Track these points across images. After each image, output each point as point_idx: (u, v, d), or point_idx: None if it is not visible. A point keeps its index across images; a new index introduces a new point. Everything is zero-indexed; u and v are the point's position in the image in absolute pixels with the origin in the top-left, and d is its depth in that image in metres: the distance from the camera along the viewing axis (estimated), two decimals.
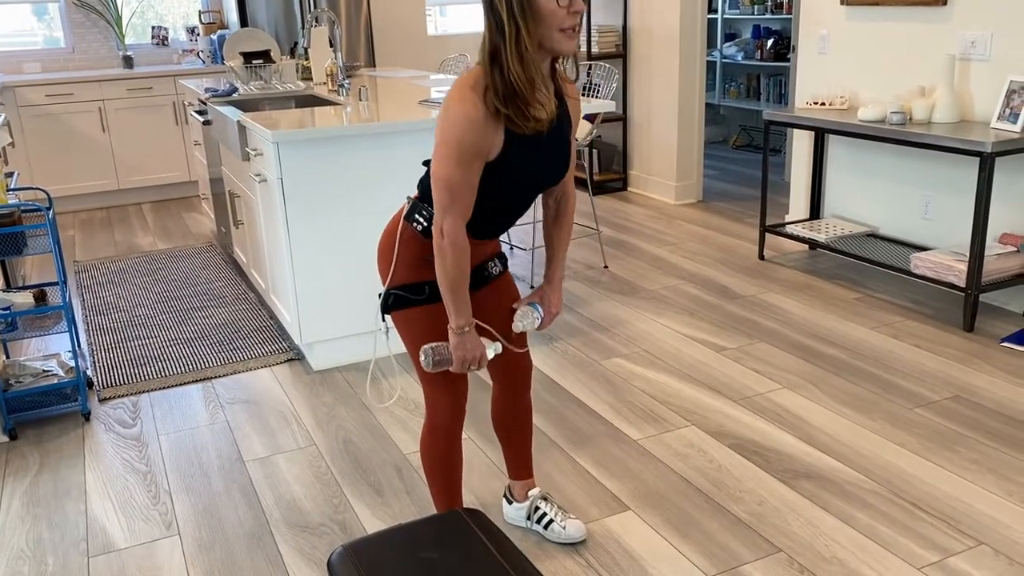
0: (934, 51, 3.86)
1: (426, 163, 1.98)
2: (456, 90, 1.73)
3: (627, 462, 2.65)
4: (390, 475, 2.63)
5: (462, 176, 1.74)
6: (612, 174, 6.20)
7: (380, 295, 1.98)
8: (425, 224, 1.90)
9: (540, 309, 2.04)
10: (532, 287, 4.23)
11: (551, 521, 2.28)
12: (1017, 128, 3.39)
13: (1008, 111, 3.46)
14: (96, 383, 3.34)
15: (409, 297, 1.94)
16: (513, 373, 2.18)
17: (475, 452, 2.75)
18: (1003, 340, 3.38)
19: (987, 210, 3.36)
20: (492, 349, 1.96)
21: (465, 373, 1.99)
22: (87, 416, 3.07)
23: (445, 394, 2.02)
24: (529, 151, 1.80)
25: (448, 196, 1.75)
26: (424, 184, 1.93)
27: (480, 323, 2.01)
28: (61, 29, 6.40)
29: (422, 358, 1.89)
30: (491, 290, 2.07)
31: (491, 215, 1.89)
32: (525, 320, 2.03)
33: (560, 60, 1.84)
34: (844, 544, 2.22)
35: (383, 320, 2.01)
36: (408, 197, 1.98)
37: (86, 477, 2.69)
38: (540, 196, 2.08)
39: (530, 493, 2.32)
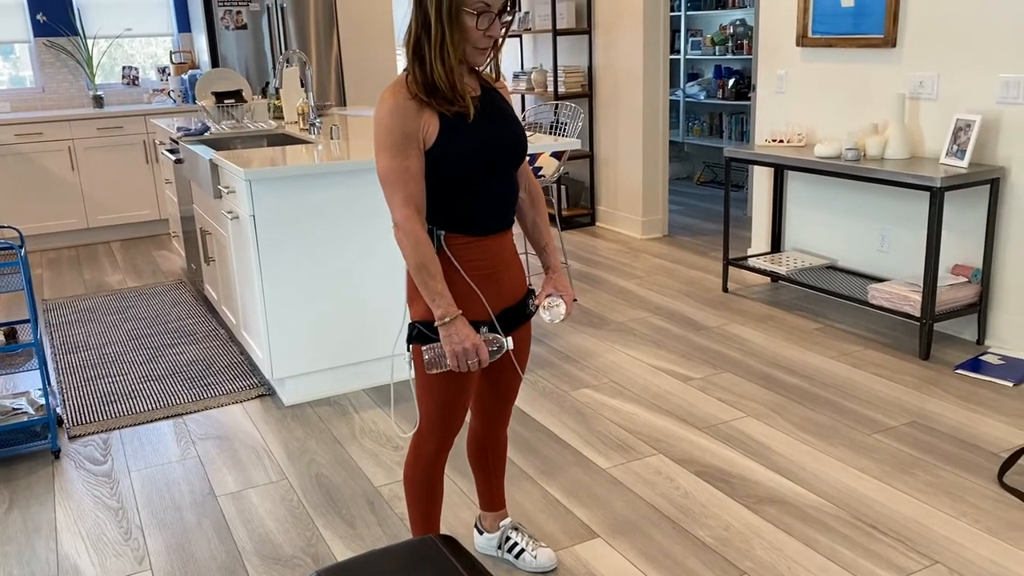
0: (885, 90, 4.03)
1: None
2: (385, 90, 1.84)
3: (596, 490, 2.70)
4: (362, 508, 2.66)
5: (398, 164, 1.81)
6: (580, 209, 6.32)
7: (409, 325, 1.97)
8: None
9: (560, 299, 2.01)
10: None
11: (522, 551, 2.31)
12: (964, 164, 3.54)
13: (955, 147, 3.61)
14: (66, 421, 3.33)
15: (429, 335, 1.92)
16: (498, 407, 2.19)
17: (446, 483, 2.79)
18: (957, 367, 3.49)
19: (939, 242, 3.49)
20: (503, 344, 1.90)
21: (467, 392, 1.97)
22: (57, 454, 3.06)
23: (434, 442, 2.03)
24: (473, 130, 1.85)
25: (390, 186, 1.83)
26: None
27: (466, 321, 1.91)
28: (30, 69, 6.43)
29: (425, 360, 1.86)
30: (527, 328, 2.10)
31: (473, 203, 1.89)
32: (553, 310, 1.99)
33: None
34: (806, 566, 2.28)
35: (408, 350, 1.99)
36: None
37: (56, 515, 2.68)
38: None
39: (501, 523, 2.36)
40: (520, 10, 6.86)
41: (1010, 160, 3.54)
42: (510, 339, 1.94)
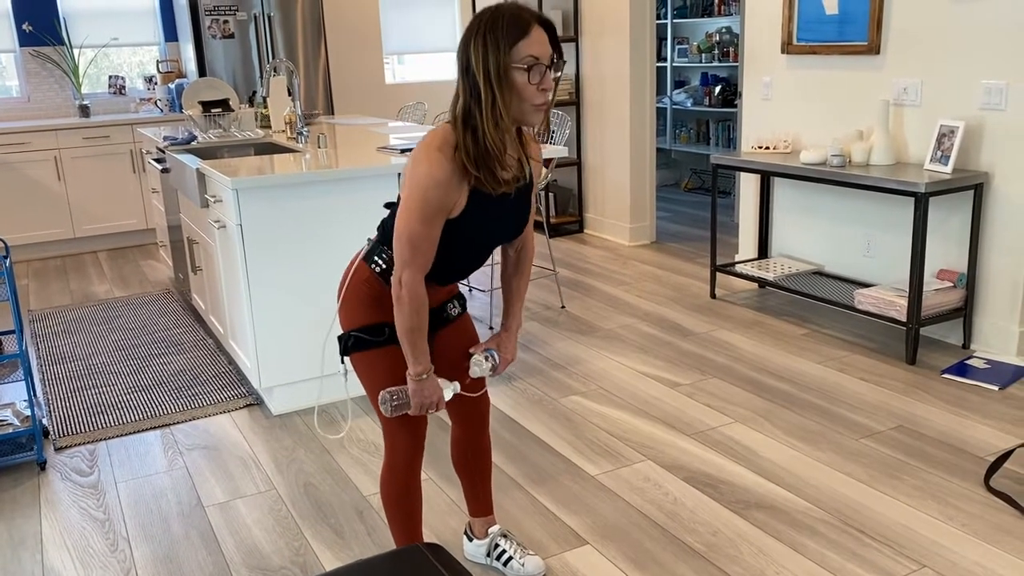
0: (870, 97, 4.06)
1: (387, 205, 2.04)
2: (423, 150, 1.78)
3: (585, 497, 2.70)
4: (350, 517, 2.65)
5: (425, 232, 1.80)
6: (568, 217, 6.33)
7: (339, 337, 2.03)
8: (383, 266, 1.96)
9: (496, 355, 2.09)
10: (491, 328, 4.30)
11: (510, 558, 2.31)
12: (948, 169, 3.57)
13: (939, 153, 3.64)
14: (52, 432, 3.31)
15: (368, 339, 1.99)
16: (472, 413, 2.24)
17: (435, 490, 2.78)
18: (944, 371, 3.51)
19: (924, 247, 3.51)
20: (450, 389, 2.01)
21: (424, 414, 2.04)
22: (43, 465, 3.04)
23: (404, 433, 2.06)
24: (492, 209, 1.86)
25: (410, 250, 1.81)
26: (385, 227, 1.99)
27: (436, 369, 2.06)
28: (16, 78, 6.40)
29: (381, 404, 1.93)
30: (450, 331, 2.13)
31: (451, 265, 1.95)
32: (480, 367, 2.06)
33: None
34: (794, 571, 2.29)
35: (342, 362, 2.05)
36: (368, 239, 2.03)
37: (42, 527, 2.66)
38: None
39: (490, 530, 2.36)
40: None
41: (993, 166, 3.57)
42: (457, 383, 2.04)
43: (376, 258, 1.96)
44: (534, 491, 2.75)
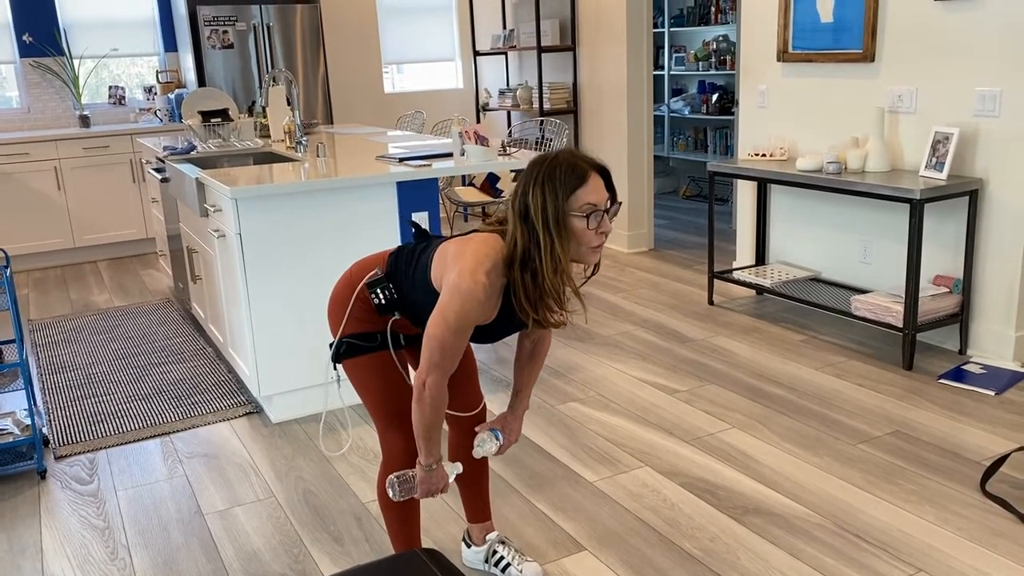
0: (865, 104, 4.08)
1: (414, 226, 2.07)
2: (471, 267, 1.78)
3: (583, 503, 2.71)
4: (349, 524, 2.66)
5: (457, 342, 1.83)
6: None
7: (331, 345, 2.05)
8: (383, 301, 1.98)
9: (500, 436, 2.12)
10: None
11: (508, 564, 2.32)
12: (943, 176, 3.59)
13: (934, 160, 3.66)
14: (52, 441, 3.32)
15: (361, 345, 2.01)
16: (470, 422, 2.25)
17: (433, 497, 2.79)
18: (940, 377, 3.53)
19: (919, 253, 3.53)
20: (454, 471, 2.05)
21: (407, 387, 2.08)
22: (43, 474, 3.05)
23: (400, 438, 2.08)
24: (508, 322, 1.91)
25: (439, 356, 1.83)
26: (399, 259, 1.99)
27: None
28: (16, 89, 6.43)
29: (388, 488, 1.97)
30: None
31: None
32: (484, 447, 2.10)
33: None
34: None
35: (335, 369, 2.07)
36: (378, 270, 2.01)
37: (42, 535, 2.67)
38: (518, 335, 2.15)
39: (488, 536, 2.37)
40: (505, 29, 6.92)
41: (988, 172, 3.59)
42: (460, 465, 2.08)
43: (380, 291, 1.98)
44: (532, 497, 2.76)
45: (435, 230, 3.48)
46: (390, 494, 1.97)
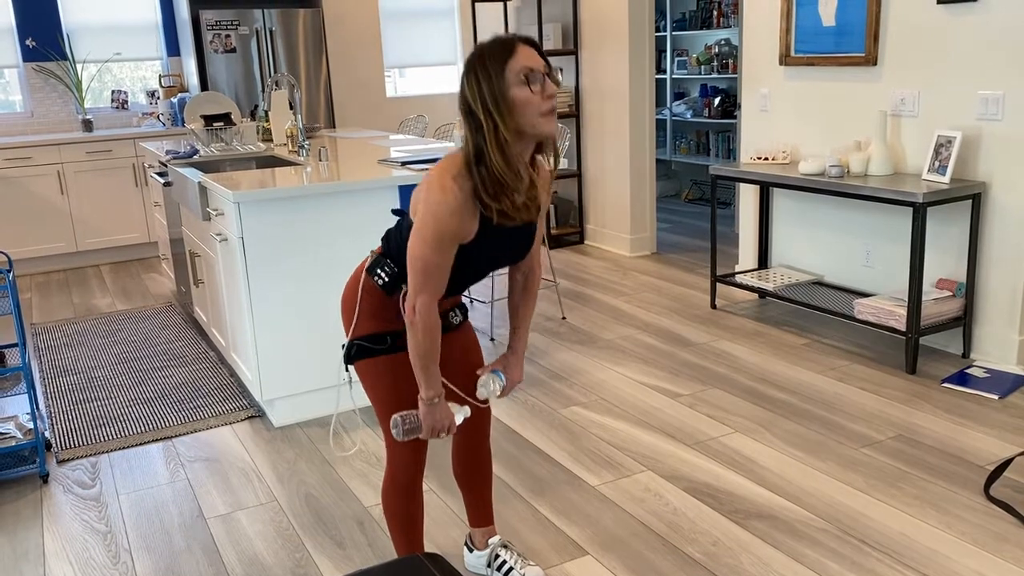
0: (867, 108, 4.08)
1: (395, 212, 2.06)
2: (438, 178, 1.80)
3: (585, 508, 2.71)
4: (352, 528, 2.66)
5: (439, 260, 1.82)
6: (569, 228, 6.35)
7: (343, 346, 2.04)
8: (386, 279, 1.97)
9: (502, 376, 2.11)
10: (492, 339, 4.31)
11: (511, 568, 2.32)
12: (946, 179, 3.59)
13: (937, 163, 3.66)
14: (54, 445, 3.32)
15: (372, 347, 2.01)
16: (472, 423, 2.25)
17: (435, 501, 2.79)
18: (943, 381, 3.52)
19: (922, 257, 3.53)
20: (461, 414, 2.03)
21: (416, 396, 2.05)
22: (45, 478, 3.05)
23: (407, 445, 2.07)
24: (501, 236, 1.89)
25: (423, 276, 1.83)
26: (389, 239, 2.01)
27: (448, 384, 2.08)
28: (19, 93, 6.45)
29: (392, 428, 1.94)
30: (452, 339, 2.15)
31: (455, 282, 1.97)
32: (487, 387, 2.08)
33: (544, 148, 1.90)
34: None
35: (346, 371, 2.07)
36: (371, 251, 2.05)
37: (44, 539, 2.67)
38: (508, 269, 2.16)
39: (490, 541, 2.36)
40: (507, 33, 6.92)
41: (991, 175, 3.58)
42: (468, 408, 2.05)
43: (379, 271, 1.98)
44: (535, 502, 2.76)
45: None
46: (395, 435, 1.93)
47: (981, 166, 3.61)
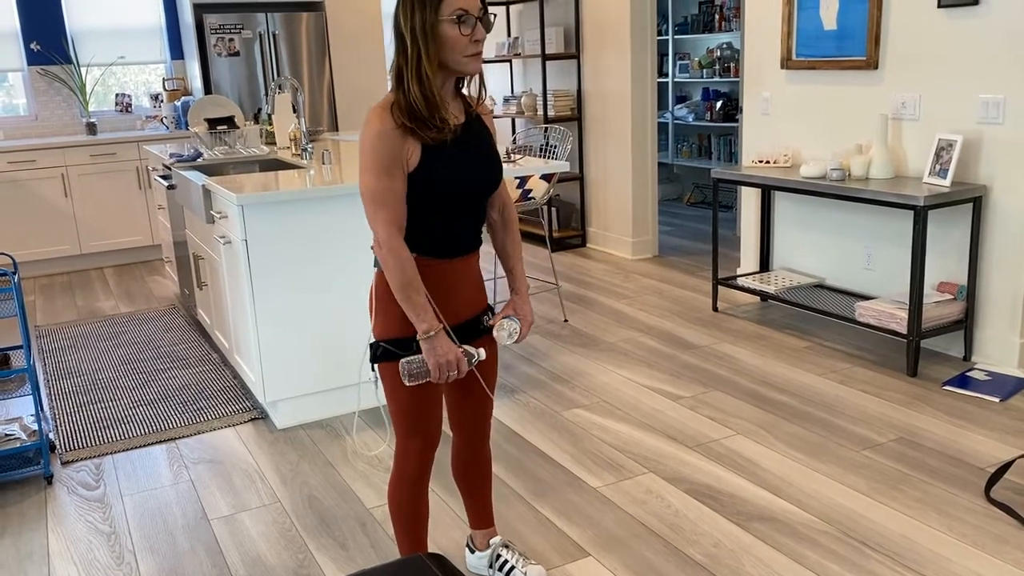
0: (868, 111, 4.09)
1: None
2: (369, 112, 1.89)
3: (587, 509, 2.72)
4: (354, 529, 2.67)
5: (383, 185, 1.86)
6: (571, 231, 6.37)
7: (370, 345, 2.04)
8: None
9: (516, 320, 2.08)
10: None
11: (512, 568, 2.33)
12: (947, 183, 3.60)
13: (938, 167, 3.67)
14: (59, 446, 3.34)
15: (397, 352, 1.99)
16: (474, 423, 2.24)
17: (437, 502, 2.80)
18: (945, 383, 3.53)
19: (923, 260, 3.54)
20: (476, 355, 1.97)
21: (436, 401, 2.04)
22: (49, 479, 3.07)
23: (416, 443, 2.07)
24: (452, 159, 1.92)
25: (374, 207, 1.87)
26: None
27: (448, 328, 2.02)
28: (24, 97, 6.47)
29: (401, 374, 1.91)
30: (491, 347, 2.15)
31: (441, 228, 1.96)
32: (505, 332, 2.05)
33: (465, 81, 1.97)
34: None
35: (372, 370, 2.06)
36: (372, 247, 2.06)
37: (48, 540, 2.69)
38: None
39: (491, 541, 2.37)
40: (509, 36, 6.95)
41: (992, 179, 3.59)
42: (482, 350, 2.01)
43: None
44: (536, 503, 2.77)
45: None
46: (405, 381, 1.91)
47: (982, 169, 3.62)
